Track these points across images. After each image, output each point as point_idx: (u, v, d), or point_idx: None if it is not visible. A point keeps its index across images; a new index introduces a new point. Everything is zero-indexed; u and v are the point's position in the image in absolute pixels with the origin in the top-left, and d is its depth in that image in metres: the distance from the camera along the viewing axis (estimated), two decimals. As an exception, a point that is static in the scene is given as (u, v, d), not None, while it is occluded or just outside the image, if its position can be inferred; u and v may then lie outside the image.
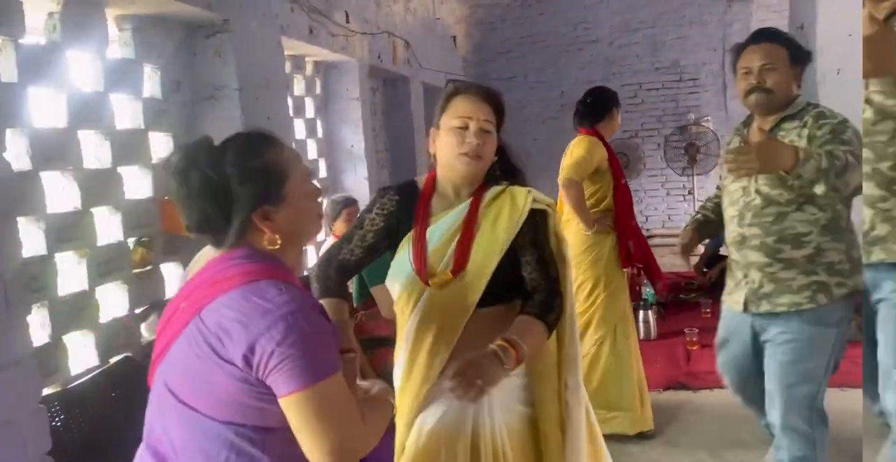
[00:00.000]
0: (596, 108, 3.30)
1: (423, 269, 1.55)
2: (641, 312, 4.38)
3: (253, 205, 1.10)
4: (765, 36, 2.14)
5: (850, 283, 2.01)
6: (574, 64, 7.90)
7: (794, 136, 2.03)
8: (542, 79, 7.97)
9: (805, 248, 1.98)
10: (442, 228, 1.58)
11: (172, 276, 2.89)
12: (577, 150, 3.14)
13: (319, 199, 1.23)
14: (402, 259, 1.60)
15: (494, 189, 1.62)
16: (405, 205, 1.62)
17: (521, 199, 1.60)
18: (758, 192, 2.03)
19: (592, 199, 3.13)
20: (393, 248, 1.64)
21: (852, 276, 2.02)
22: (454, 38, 7.69)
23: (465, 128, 1.54)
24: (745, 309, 2.07)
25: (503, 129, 1.65)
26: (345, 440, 1.04)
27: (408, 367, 1.59)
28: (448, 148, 1.56)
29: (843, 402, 3.00)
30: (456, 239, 1.56)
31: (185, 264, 2.95)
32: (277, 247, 1.13)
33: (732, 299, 2.14)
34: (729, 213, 2.14)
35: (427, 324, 1.57)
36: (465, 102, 1.57)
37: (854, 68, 4.66)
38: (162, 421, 1.11)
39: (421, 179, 1.68)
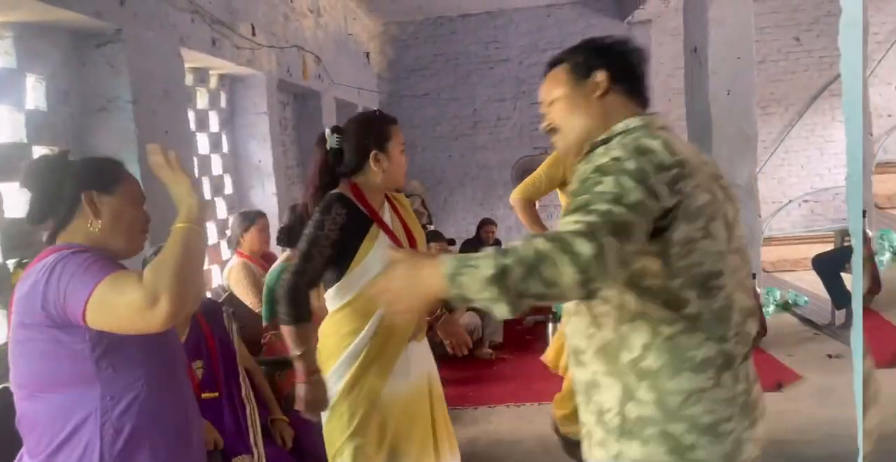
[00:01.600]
0: None
1: (413, 246, 2.08)
2: (550, 325, 4.46)
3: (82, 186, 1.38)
4: (549, 64, 1.46)
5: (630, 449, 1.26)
6: (486, 82, 8.05)
7: None
8: (454, 96, 8.08)
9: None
10: (390, 221, 2.06)
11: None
12: (540, 166, 3.08)
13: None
14: (375, 250, 1.95)
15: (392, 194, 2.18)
16: (352, 214, 1.95)
17: (404, 200, 2.24)
18: None
19: None
20: (342, 255, 1.94)
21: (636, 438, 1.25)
22: (367, 54, 7.69)
23: (404, 151, 2.07)
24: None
25: (417, 145, 2.10)
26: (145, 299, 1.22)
27: (382, 340, 1.98)
28: (399, 167, 2.05)
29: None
30: (401, 227, 2.09)
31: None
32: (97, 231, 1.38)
33: None
34: None
35: None
36: (399, 131, 2.07)
37: (743, 89, 4.98)
38: None
39: (345, 191, 2.00)
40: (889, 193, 6.42)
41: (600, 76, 1.33)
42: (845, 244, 4.80)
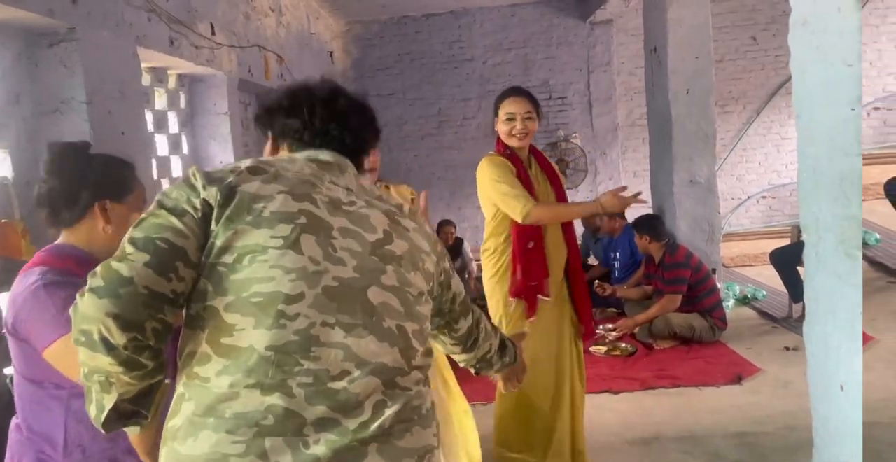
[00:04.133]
0: None
1: None
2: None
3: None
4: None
5: None
6: (450, 81, 8.06)
7: None
8: (420, 95, 8.07)
9: None
10: None
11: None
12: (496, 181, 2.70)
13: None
14: None
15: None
16: None
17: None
18: None
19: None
20: None
21: None
22: (331, 53, 7.64)
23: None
24: None
25: (384, 145, 2.00)
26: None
27: None
28: None
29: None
30: None
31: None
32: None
33: None
34: None
35: None
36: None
37: (702, 88, 5.08)
38: None
39: None
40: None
41: None
42: (801, 239, 4.92)
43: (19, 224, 2.47)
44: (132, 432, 1.10)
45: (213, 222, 1.01)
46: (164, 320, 0.98)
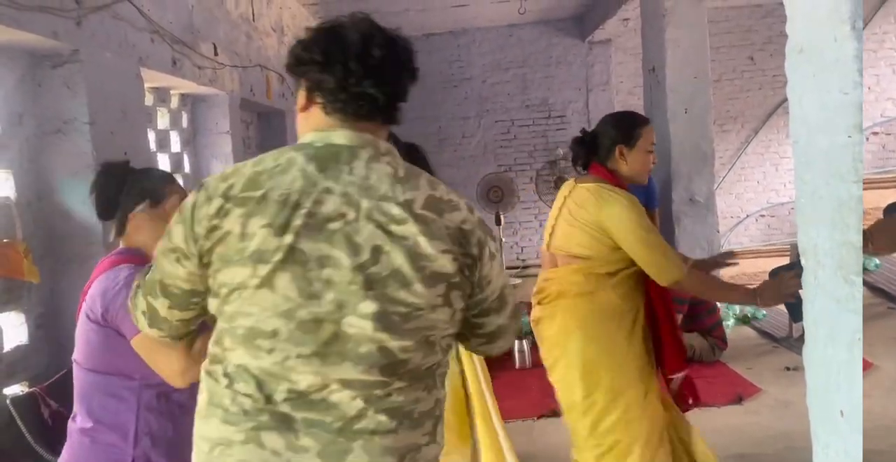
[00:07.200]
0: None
1: None
2: (516, 342, 4.48)
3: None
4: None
5: None
6: (450, 100, 8.11)
7: None
8: (419, 114, 8.12)
9: None
10: None
11: (11, 326, 2.64)
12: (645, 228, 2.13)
13: None
14: None
15: None
16: None
17: None
18: None
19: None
20: None
21: None
22: (331, 72, 7.69)
23: None
24: None
25: None
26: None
27: None
28: None
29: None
30: None
31: (28, 312, 2.70)
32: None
33: None
34: None
35: None
36: None
37: (700, 107, 5.11)
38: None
39: None
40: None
41: None
42: (801, 258, 4.91)
43: (21, 244, 2.47)
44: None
45: (209, 256, 1.09)
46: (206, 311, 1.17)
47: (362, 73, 1.11)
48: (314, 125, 1.17)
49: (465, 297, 1.15)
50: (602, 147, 2.19)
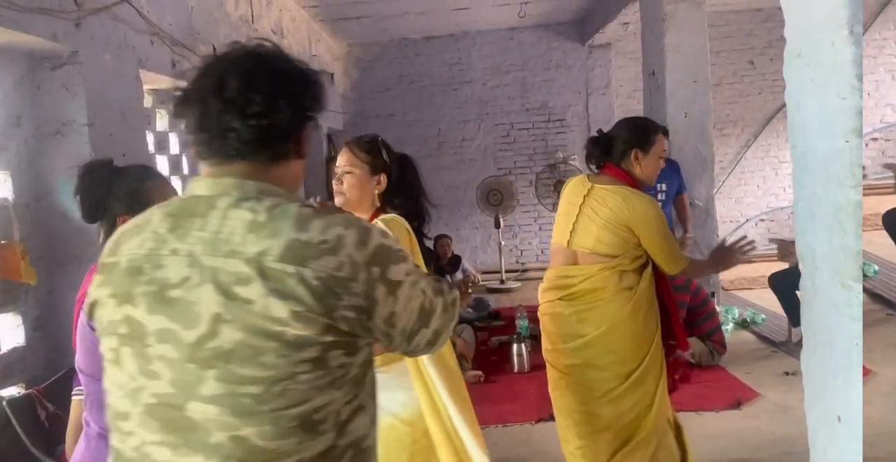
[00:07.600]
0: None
1: None
2: (515, 346, 4.47)
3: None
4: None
5: None
6: (450, 103, 8.12)
7: None
8: (419, 117, 8.13)
9: None
10: None
11: (7, 328, 2.63)
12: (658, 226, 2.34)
13: None
14: None
15: (383, 216, 1.97)
16: None
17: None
18: None
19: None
20: None
21: None
22: (332, 75, 7.70)
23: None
24: None
25: None
26: None
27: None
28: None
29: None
30: None
31: (25, 314, 2.70)
32: None
33: None
34: None
35: None
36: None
37: (700, 111, 5.11)
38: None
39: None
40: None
41: None
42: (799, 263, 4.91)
43: (19, 246, 2.47)
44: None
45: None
46: None
47: (220, 107, 0.98)
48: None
49: (356, 352, 0.97)
50: (617, 149, 2.33)
